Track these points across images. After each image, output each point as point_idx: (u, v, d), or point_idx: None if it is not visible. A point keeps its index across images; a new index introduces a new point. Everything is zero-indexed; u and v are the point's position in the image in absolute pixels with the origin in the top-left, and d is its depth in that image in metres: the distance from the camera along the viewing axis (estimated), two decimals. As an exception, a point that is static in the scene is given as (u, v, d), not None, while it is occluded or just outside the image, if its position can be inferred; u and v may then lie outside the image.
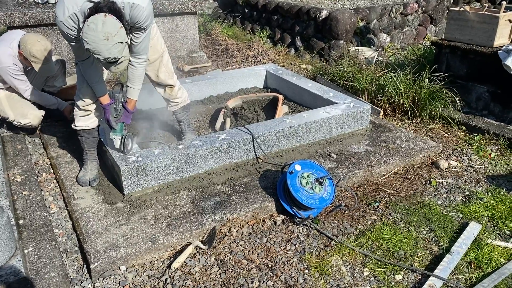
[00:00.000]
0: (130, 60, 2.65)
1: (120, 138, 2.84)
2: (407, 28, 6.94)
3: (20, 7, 4.74)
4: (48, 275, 2.23)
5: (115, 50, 2.27)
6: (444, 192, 3.12)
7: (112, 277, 2.34)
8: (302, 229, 2.71)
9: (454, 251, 2.49)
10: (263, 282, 2.31)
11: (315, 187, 2.74)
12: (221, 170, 3.13)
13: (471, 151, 3.65)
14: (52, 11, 4.54)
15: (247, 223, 2.75)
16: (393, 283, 2.33)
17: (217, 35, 7.03)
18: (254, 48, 6.28)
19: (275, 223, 2.77)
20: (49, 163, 3.40)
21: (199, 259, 2.46)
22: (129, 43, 2.47)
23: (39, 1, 5.01)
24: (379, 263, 2.45)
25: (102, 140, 3.11)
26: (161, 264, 2.46)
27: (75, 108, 2.92)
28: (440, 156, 3.58)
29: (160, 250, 2.48)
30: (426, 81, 4.16)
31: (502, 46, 4.01)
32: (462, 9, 4.25)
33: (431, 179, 3.24)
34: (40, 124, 3.77)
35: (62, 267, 2.30)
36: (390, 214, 2.87)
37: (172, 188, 2.95)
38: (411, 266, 2.44)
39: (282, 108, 3.92)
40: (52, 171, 3.30)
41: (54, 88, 3.96)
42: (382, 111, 4.21)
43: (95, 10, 2.23)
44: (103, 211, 2.72)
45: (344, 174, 3.12)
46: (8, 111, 3.52)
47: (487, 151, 3.62)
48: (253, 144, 3.22)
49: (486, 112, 4.18)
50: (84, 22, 2.26)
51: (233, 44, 6.64)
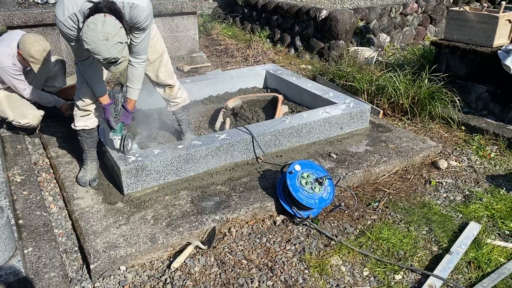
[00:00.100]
0: (129, 60, 2.65)
1: (120, 138, 2.84)
2: (407, 28, 6.95)
3: (19, 7, 4.74)
4: (48, 275, 2.23)
5: (114, 50, 2.27)
6: (443, 192, 3.12)
7: (112, 277, 2.34)
8: (302, 229, 2.71)
9: (454, 251, 2.49)
10: (263, 282, 2.31)
11: (315, 187, 2.74)
12: (220, 170, 3.13)
13: (470, 151, 3.65)
14: (52, 11, 4.54)
15: (246, 223, 2.75)
16: (392, 283, 2.33)
17: (216, 35, 7.04)
18: (254, 48, 6.28)
19: (274, 223, 2.77)
20: (48, 163, 3.40)
21: (198, 259, 2.46)
22: (128, 43, 2.47)
23: (39, 1, 5.01)
24: (378, 263, 2.46)
25: (102, 140, 3.11)
26: (160, 264, 2.46)
27: (75, 108, 2.92)
28: (440, 156, 3.58)
29: (159, 250, 2.48)
30: (426, 81, 4.16)
31: (502, 46, 4.01)
32: (461, 9, 4.25)
33: (431, 179, 3.24)
34: (39, 124, 3.77)
35: (62, 267, 2.30)
36: (389, 214, 2.87)
37: (172, 188, 2.95)
38: (411, 266, 2.44)
39: (282, 108, 3.92)
40: (52, 171, 3.30)
41: (54, 88, 3.96)
42: (381, 111, 4.21)
43: (94, 10, 2.23)
44: (102, 211, 2.72)
45: (344, 174, 3.12)
46: (8, 111, 3.52)
47: (486, 151, 3.63)
48: (252, 144, 3.22)
49: (485, 112, 4.18)
50: (83, 22, 2.26)
51: (232, 44, 6.64)
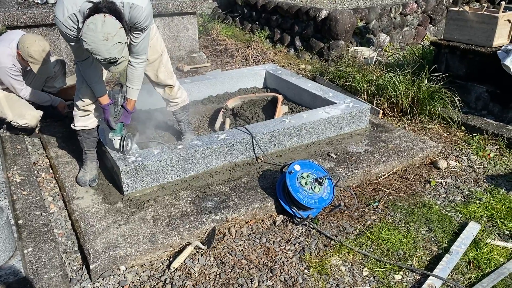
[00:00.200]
0: (129, 61, 2.65)
1: (119, 138, 2.84)
2: (407, 28, 6.95)
3: (19, 7, 4.74)
4: (47, 275, 2.23)
5: (114, 51, 2.27)
6: (443, 192, 3.13)
7: (112, 277, 2.34)
8: (302, 229, 2.71)
9: (454, 251, 2.49)
10: (263, 282, 2.31)
11: (315, 187, 2.74)
12: (220, 170, 3.13)
13: (470, 151, 3.65)
14: (52, 12, 4.54)
15: (246, 223, 2.75)
16: (392, 283, 2.33)
17: (216, 35, 7.04)
18: (254, 48, 6.28)
19: (274, 223, 2.77)
20: (48, 163, 3.40)
21: (198, 259, 2.46)
22: (128, 43, 2.47)
23: (39, 1, 5.01)
24: (378, 263, 2.46)
25: (102, 140, 3.11)
26: (160, 264, 2.46)
27: (75, 108, 2.92)
28: (440, 156, 3.58)
29: (159, 250, 2.48)
30: (426, 81, 4.16)
31: (501, 46, 4.01)
32: (461, 9, 4.25)
33: (431, 179, 3.24)
34: (38, 125, 3.76)
35: (61, 267, 2.30)
36: (389, 214, 2.87)
37: (172, 188, 2.95)
38: (411, 266, 2.44)
39: (282, 108, 3.92)
40: (51, 171, 3.30)
41: (53, 88, 3.96)
42: (381, 111, 4.21)
43: (94, 10, 2.23)
44: (102, 211, 2.72)
45: (344, 174, 3.12)
46: (7, 111, 3.51)
47: (486, 151, 3.63)
48: (252, 144, 3.22)
49: (485, 112, 4.18)
50: (83, 22, 2.26)
51: (232, 44, 6.64)
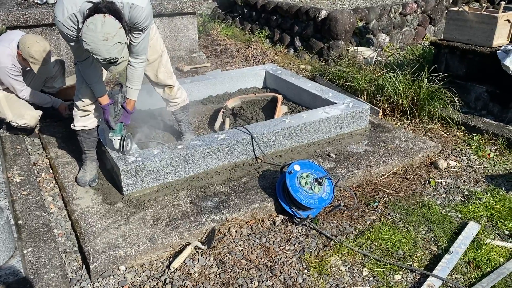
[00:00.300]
0: (129, 61, 2.65)
1: (119, 138, 2.84)
2: (406, 28, 6.95)
3: (19, 8, 4.74)
4: (47, 275, 2.23)
5: (114, 51, 2.27)
6: (443, 192, 3.13)
7: (112, 277, 2.34)
8: (301, 229, 2.71)
9: (453, 251, 2.49)
10: (262, 282, 2.31)
11: (314, 187, 2.74)
12: (220, 170, 3.13)
13: (470, 151, 3.65)
14: (51, 12, 4.54)
15: (246, 223, 2.75)
16: (392, 283, 2.33)
17: (216, 35, 7.04)
18: (253, 48, 6.28)
19: (274, 223, 2.77)
20: (48, 163, 3.40)
21: (198, 259, 2.46)
22: (128, 43, 2.47)
23: (38, 1, 5.01)
24: (378, 263, 2.46)
25: (102, 140, 3.11)
26: (160, 264, 2.46)
27: (74, 108, 2.92)
28: (439, 156, 3.58)
29: (159, 250, 2.48)
30: (425, 81, 4.16)
31: (501, 46, 4.01)
32: (461, 9, 4.26)
33: (430, 179, 3.24)
34: (38, 125, 3.76)
35: (61, 267, 2.30)
36: (389, 214, 2.87)
37: (171, 188, 2.95)
38: (410, 266, 2.44)
39: (281, 108, 3.92)
40: (51, 171, 3.30)
41: (53, 88, 3.96)
42: (381, 111, 4.21)
43: (94, 10, 2.23)
44: (102, 211, 2.72)
45: (343, 174, 3.13)
46: (7, 111, 3.51)
47: (486, 151, 3.63)
48: (252, 144, 3.22)
49: (485, 112, 4.19)
50: (83, 22, 2.26)
51: (232, 44, 6.64)
